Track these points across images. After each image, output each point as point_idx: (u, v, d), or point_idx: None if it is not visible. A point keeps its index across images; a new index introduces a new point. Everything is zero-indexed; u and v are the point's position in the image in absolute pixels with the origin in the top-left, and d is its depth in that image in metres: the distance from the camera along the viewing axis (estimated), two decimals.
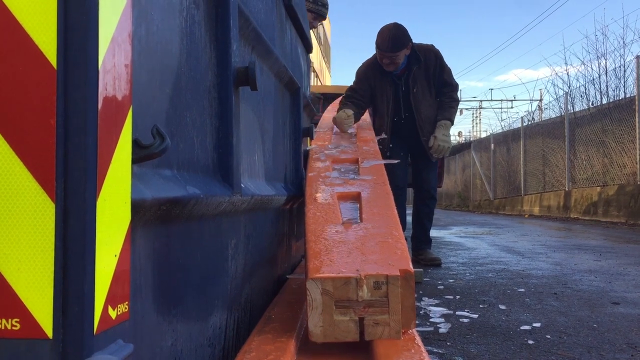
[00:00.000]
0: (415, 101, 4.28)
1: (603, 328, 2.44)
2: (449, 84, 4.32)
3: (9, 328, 0.70)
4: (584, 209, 12.06)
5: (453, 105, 4.32)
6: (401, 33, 4.13)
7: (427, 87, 4.29)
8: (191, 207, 1.20)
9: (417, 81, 4.27)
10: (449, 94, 4.31)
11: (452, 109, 4.30)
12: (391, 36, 4.10)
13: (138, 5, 1.00)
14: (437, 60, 4.28)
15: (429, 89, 4.30)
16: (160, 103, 1.14)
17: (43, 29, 0.70)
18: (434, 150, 4.24)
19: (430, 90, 4.30)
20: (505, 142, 18.70)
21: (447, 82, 4.31)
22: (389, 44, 4.10)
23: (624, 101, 11.33)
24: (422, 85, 4.27)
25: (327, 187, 2.38)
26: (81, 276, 0.71)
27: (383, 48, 4.14)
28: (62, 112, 0.70)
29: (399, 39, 4.10)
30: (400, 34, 4.12)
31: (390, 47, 4.10)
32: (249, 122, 1.89)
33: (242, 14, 1.67)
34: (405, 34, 4.15)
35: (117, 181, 0.77)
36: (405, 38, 4.13)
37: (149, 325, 1.05)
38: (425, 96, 4.29)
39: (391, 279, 1.48)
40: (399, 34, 4.12)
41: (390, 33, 4.12)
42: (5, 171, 0.70)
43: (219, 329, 1.50)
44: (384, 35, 4.14)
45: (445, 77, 4.31)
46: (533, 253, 5.47)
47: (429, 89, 4.30)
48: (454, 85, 4.35)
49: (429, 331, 2.38)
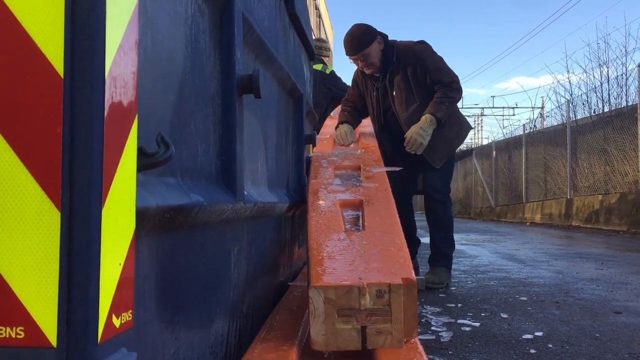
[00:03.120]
0: (395, 106, 3.89)
1: (605, 337, 2.43)
2: (439, 82, 3.78)
3: (13, 336, 0.70)
4: (586, 217, 12.04)
5: (443, 101, 3.75)
6: (362, 30, 3.81)
7: (410, 90, 3.83)
8: (194, 215, 1.21)
9: (395, 84, 3.87)
10: (440, 90, 3.79)
11: (440, 104, 3.74)
12: (351, 37, 3.81)
13: (144, 13, 1.00)
14: (417, 60, 3.79)
15: (413, 91, 3.82)
16: (164, 111, 1.14)
17: (50, 38, 0.70)
18: (406, 143, 3.74)
19: (415, 92, 3.82)
20: (507, 150, 18.68)
21: (437, 80, 3.79)
22: (350, 45, 3.81)
23: (626, 109, 11.33)
24: (402, 87, 3.84)
25: (329, 194, 2.38)
26: (86, 285, 0.71)
27: (348, 52, 3.86)
28: (68, 121, 0.70)
29: (359, 38, 3.78)
30: (360, 32, 3.80)
31: (352, 47, 3.81)
32: (252, 129, 1.89)
33: (246, 22, 1.68)
34: (368, 30, 3.82)
35: (122, 189, 0.77)
36: (369, 33, 3.80)
37: (152, 333, 1.05)
38: (409, 99, 3.83)
39: (394, 288, 1.48)
40: (359, 32, 3.80)
41: (350, 35, 3.82)
42: (11, 179, 0.70)
43: (221, 337, 1.50)
44: (346, 38, 3.84)
45: (434, 75, 3.79)
46: (535, 261, 5.46)
47: (412, 91, 3.82)
48: (446, 82, 3.79)
49: (431, 339, 2.37)
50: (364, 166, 2.82)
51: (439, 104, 3.73)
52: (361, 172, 2.74)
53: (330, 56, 7.01)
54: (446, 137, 3.85)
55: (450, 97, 3.78)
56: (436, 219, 3.96)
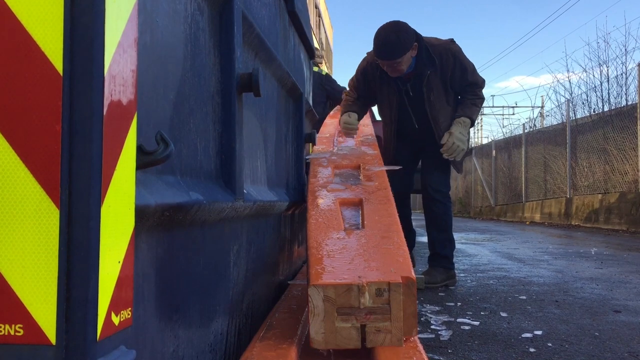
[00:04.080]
0: (432, 109, 3.65)
1: (605, 336, 2.43)
2: (474, 83, 3.65)
3: (12, 333, 0.70)
4: (585, 216, 12.05)
5: (477, 103, 3.65)
6: (401, 36, 3.42)
7: (444, 93, 3.66)
8: (194, 213, 1.21)
9: (433, 87, 3.61)
10: (472, 91, 3.66)
11: (474, 106, 3.63)
12: (387, 42, 3.41)
13: (143, 11, 1.00)
14: (456, 61, 3.59)
15: (445, 94, 3.66)
16: (164, 109, 1.14)
17: (49, 36, 0.70)
18: (446, 148, 3.56)
19: (447, 96, 3.67)
20: (507, 149, 18.69)
21: (471, 82, 3.65)
22: (386, 51, 3.43)
23: (626, 108, 11.33)
24: (439, 91, 3.63)
25: (329, 193, 2.38)
26: (85, 282, 0.71)
27: (381, 56, 3.48)
28: (67, 119, 0.70)
29: (397, 45, 3.39)
30: (398, 39, 3.40)
31: (387, 54, 3.44)
32: (252, 128, 1.89)
33: (246, 20, 1.67)
34: (407, 36, 3.44)
35: (121, 187, 0.77)
36: (407, 41, 3.43)
37: (151, 331, 1.05)
38: (442, 103, 3.65)
39: (393, 286, 1.48)
40: (398, 39, 3.40)
41: (387, 38, 3.42)
42: (10, 177, 0.70)
43: (220, 335, 1.50)
44: (379, 41, 3.45)
45: (469, 77, 3.63)
46: (534, 260, 5.46)
47: (445, 95, 3.66)
48: (480, 82, 3.67)
49: (430, 338, 2.37)
50: (364, 165, 2.82)
51: (473, 105, 3.64)
52: (361, 171, 2.75)
53: (325, 62, 7.16)
54: None
55: (481, 97, 3.71)
56: (437, 220, 3.84)
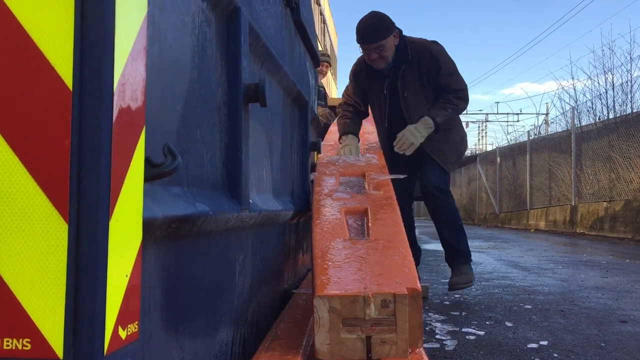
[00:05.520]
0: (407, 107, 3.56)
1: (611, 347, 2.42)
2: (447, 86, 3.53)
3: (20, 348, 0.70)
4: (590, 224, 12.00)
5: (446, 107, 3.51)
6: (381, 21, 3.47)
7: (421, 90, 3.56)
8: (200, 224, 1.21)
9: (408, 83, 3.54)
10: (445, 95, 3.54)
11: (442, 109, 3.49)
12: (368, 25, 3.46)
13: (152, 23, 1.01)
14: (432, 59, 3.51)
15: (423, 92, 3.56)
16: (171, 121, 1.14)
17: (59, 51, 0.71)
18: (396, 142, 3.46)
19: (425, 93, 3.57)
20: (512, 156, 18.65)
21: (446, 85, 3.53)
22: (367, 33, 3.45)
23: (631, 116, 11.31)
24: (415, 88, 3.55)
25: (334, 201, 2.38)
26: (92, 297, 0.71)
27: (363, 40, 3.47)
28: (76, 134, 0.71)
29: (378, 27, 3.43)
30: (379, 21, 3.47)
31: (369, 36, 3.44)
32: (258, 137, 1.89)
33: (252, 31, 1.68)
34: (388, 22, 3.49)
35: (129, 201, 0.78)
36: (388, 25, 3.47)
37: (157, 343, 1.05)
38: (420, 100, 3.55)
39: (399, 298, 1.47)
40: (378, 21, 3.47)
41: (368, 22, 3.47)
42: (19, 191, 0.70)
43: (225, 346, 1.49)
44: (362, 25, 3.48)
45: (443, 80, 3.52)
46: (539, 269, 5.44)
47: (423, 92, 3.56)
48: (454, 87, 3.54)
49: (435, 348, 2.36)
50: (369, 173, 2.82)
51: (442, 109, 3.51)
52: (366, 179, 2.74)
53: (329, 68, 7.13)
54: (455, 141, 3.73)
55: (455, 104, 3.56)
56: (444, 216, 3.67)
